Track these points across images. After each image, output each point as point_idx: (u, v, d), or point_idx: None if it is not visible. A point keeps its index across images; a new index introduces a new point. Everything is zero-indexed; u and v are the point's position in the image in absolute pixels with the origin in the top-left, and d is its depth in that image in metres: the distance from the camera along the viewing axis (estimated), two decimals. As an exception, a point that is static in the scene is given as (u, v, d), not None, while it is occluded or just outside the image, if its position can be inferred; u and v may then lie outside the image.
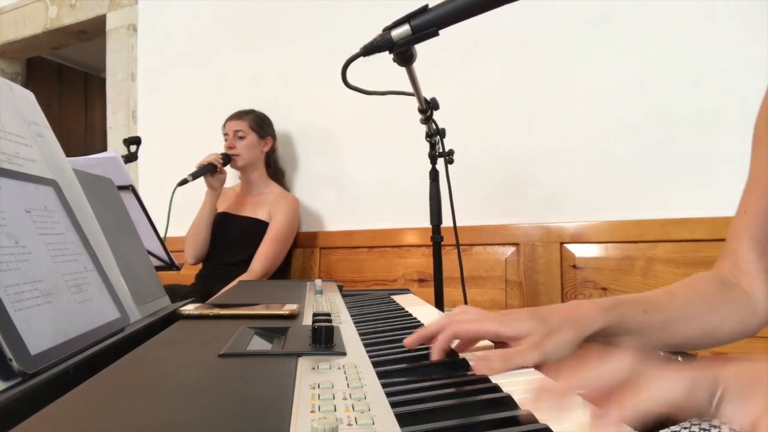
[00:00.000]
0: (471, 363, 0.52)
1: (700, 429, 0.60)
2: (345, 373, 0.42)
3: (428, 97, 1.34)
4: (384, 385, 0.40)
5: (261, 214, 2.21)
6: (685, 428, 0.60)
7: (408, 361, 0.55)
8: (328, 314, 0.59)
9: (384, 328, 0.73)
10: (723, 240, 1.68)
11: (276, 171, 2.36)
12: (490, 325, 0.56)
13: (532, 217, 1.94)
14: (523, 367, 0.51)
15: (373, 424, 0.32)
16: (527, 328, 0.54)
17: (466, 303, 1.45)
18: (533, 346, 0.52)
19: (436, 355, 0.54)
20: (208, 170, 2.13)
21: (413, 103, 1.31)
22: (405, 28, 0.86)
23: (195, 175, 2.09)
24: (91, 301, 0.52)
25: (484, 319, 0.57)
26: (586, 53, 1.88)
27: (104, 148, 3.25)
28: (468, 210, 1.90)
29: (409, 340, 0.58)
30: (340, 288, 1.09)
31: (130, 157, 1.89)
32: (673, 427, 0.63)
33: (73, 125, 4.52)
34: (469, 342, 0.60)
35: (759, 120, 0.75)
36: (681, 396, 0.32)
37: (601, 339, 0.59)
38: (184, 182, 2.05)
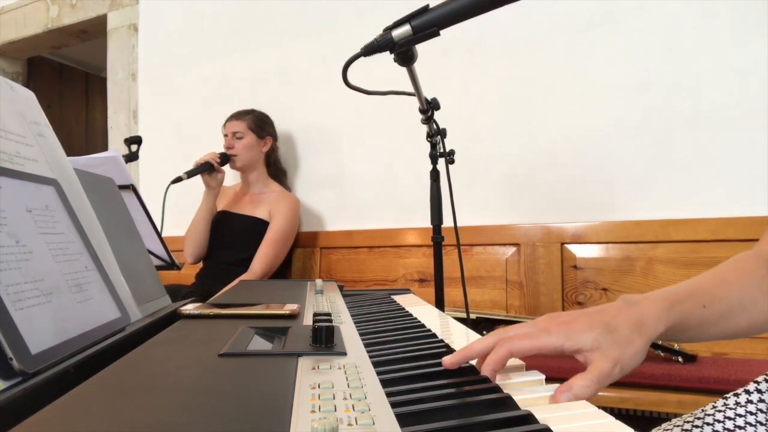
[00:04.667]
0: (503, 387, 0.46)
1: (692, 426, 0.60)
2: (345, 373, 0.42)
3: (429, 97, 1.34)
4: (384, 385, 0.40)
5: (260, 213, 2.21)
6: (677, 426, 0.60)
7: (409, 361, 0.55)
8: (329, 314, 0.59)
9: (384, 328, 0.73)
10: (724, 241, 1.68)
11: (277, 171, 2.36)
12: (550, 339, 0.49)
13: (533, 218, 1.94)
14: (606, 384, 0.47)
15: (374, 424, 0.32)
16: (593, 339, 0.49)
17: (466, 303, 1.44)
18: (613, 361, 0.47)
19: (488, 375, 0.48)
20: (205, 169, 2.13)
21: (414, 103, 1.31)
22: (406, 28, 0.86)
23: (190, 174, 2.09)
24: (92, 301, 0.52)
25: (541, 333, 0.50)
26: (586, 53, 1.88)
27: (105, 148, 3.26)
28: (469, 210, 1.90)
29: (450, 360, 0.50)
30: (341, 288, 1.09)
31: (131, 157, 1.89)
32: (664, 425, 0.62)
33: (73, 125, 4.52)
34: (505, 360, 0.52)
35: None
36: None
37: (661, 338, 0.55)
38: (178, 180, 2.04)
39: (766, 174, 1.60)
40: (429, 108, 1.34)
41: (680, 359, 1.42)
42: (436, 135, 1.43)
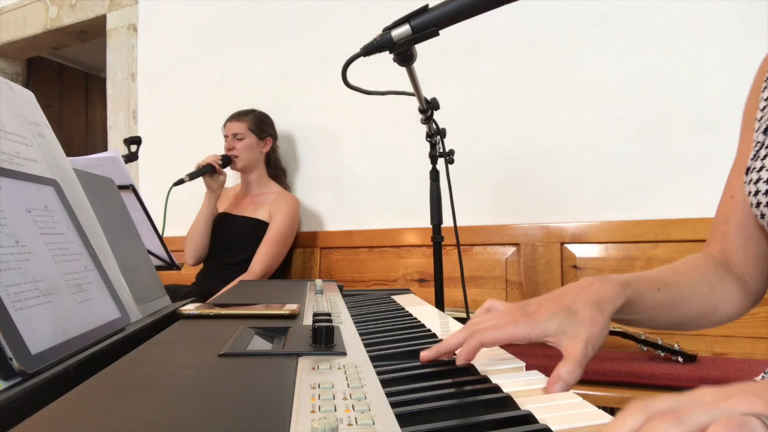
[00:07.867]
0: (479, 368, 0.51)
1: None
2: (345, 373, 0.42)
3: (429, 97, 1.34)
4: (384, 385, 0.40)
5: (261, 214, 2.21)
6: None
7: (409, 361, 0.55)
8: (329, 314, 0.59)
9: (384, 328, 0.73)
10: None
11: (276, 170, 2.36)
12: (517, 330, 0.52)
13: (533, 217, 1.94)
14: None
15: (374, 424, 0.32)
16: (557, 326, 0.52)
17: (466, 303, 1.44)
18: (584, 342, 0.50)
19: (461, 362, 0.51)
20: (206, 171, 2.13)
21: (414, 103, 1.31)
22: (405, 28, 0.86)
23: (192, 176, 2.09)
24: (92, 301, 0.52)
25: (508, 324, 0.53)
26: (586, 53, 1.88)
27: (105, 148, 3.26)
28: (468, 210, 1.90)
29: (426, 355, 0.53)
30: (341, 288, 1.09)
31: (131, 157, 1.89)
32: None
33: (73, 125, 4.52)
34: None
35: (746, 106, 0.77)
36: None
37: (617, 316, 0.58)
38: (180, 182, 2.05)
39: (765, 174, 1.60)
40: (429, 108, 1.34)
41: (680, 359, 1.42)
42: (435, 135, 1.43)
